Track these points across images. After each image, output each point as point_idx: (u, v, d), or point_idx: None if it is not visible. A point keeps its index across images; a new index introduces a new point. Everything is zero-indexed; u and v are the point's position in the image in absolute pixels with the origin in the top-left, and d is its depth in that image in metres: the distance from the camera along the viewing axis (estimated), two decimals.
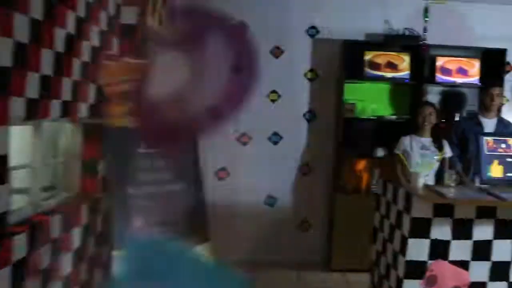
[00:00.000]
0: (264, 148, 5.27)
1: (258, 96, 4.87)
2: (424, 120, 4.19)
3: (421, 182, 3.15)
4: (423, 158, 4.14)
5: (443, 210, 3.01)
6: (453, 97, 5.33)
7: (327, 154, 5.31)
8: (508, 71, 5.30)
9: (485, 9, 5.29)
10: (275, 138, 5.29)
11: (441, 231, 3.03)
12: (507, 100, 5.34)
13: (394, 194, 3.40)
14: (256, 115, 4.71)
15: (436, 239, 3.02)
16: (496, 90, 4.39)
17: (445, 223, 3.03)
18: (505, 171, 3.39)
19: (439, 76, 5.14)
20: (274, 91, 5.24)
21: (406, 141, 4.27)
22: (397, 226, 3.26)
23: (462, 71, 5.16)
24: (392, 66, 5.08)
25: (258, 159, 5.24)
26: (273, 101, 5.25)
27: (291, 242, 5.31)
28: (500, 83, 4.74)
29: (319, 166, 5.34)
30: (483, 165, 3.37)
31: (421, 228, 3.03)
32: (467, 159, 4.41)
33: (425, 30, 4.96)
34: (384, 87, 5.32)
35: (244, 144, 5.24)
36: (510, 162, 3.41)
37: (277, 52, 5.22)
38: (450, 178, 3.29)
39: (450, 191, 3.07)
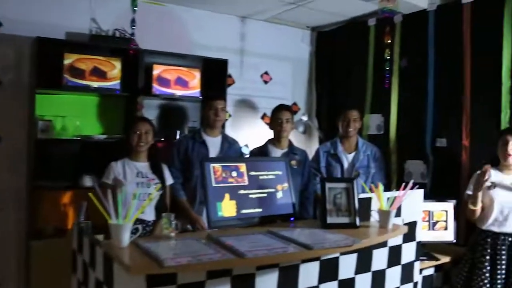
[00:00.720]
0: None
1: None
2: (139, 140, 3.18)
3: (125, 238, 2.07)
4: (139, 189, 3.13)
5: (162, 276, 2.00)
6: (173, 111, 4.47)
7: (17, 187, 3.84)
8: (230, 84, 4.69)
9: (203, 16, 4.62)
10: None
11: None
12: (230, 115, 4.74)
13: (92, 253, 2.26)
14: None
15: None
16: (220, 104, 3.65)
17: None
18: (238, 207, 2.56)
19: (157, 87, 4.20)
20: None
21: (117, 167, 3.19)
22: None
23: (182, 82, 4.33)
24: (99, 73, 3.92)
25: None
26: None
27: None
28: (223, 96, 4.03)
29: (7, 204, 3.80)
30: (211, 202, 2.46)
31: None
32: (192, 187, 3.57)
33: (133, 22, 3.96)
34: (90, 100, 4.12)
35: None
36: (244, 195, 2.60)
37: None
38: (168, 224, 2.30)
39: (165, 248, 2.07)
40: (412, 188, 2.61)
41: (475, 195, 3.11)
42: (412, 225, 2.84)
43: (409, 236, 2.76)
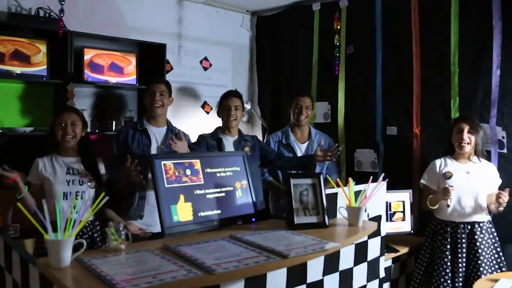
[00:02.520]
0: None
1: None
2: (65, 132, 2.70)
3: (67, 257, 1.65)
4: (71, 187, 2.68)
5: None
6: (107, 100, 3.96)
7: None
8: (167, 71, 4.24)
9: None
10: None
11: None
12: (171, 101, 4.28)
13: (24, 273, 1.82)
14: None
15: None
16: (160, 87, 3.20)
17: None
18: (195, 210, 2.20)
19: (89, 74, 3.69)
20: None
21: (44, 164, 2.71)
22: None
23: (117, 68, 3.84)
24: (22, 57, 3.36)
25: None
26: None
27: None
28: (163, 79, 3.52)
29: None
30: (165, 205, 2.08)
31: None
32: None
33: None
34: (13, 87, 3.52)
35: None
36: (200, 195, 2.23)
37: None
38: (117, 235, 1.90)
39: (116, 266, 1.65)
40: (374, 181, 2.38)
41: (437, 200, 3.00)
42: (377, 220, 2.62)
43: (375, 231, 2.53)
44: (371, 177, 2.35)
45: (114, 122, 3.85)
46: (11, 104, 3.53)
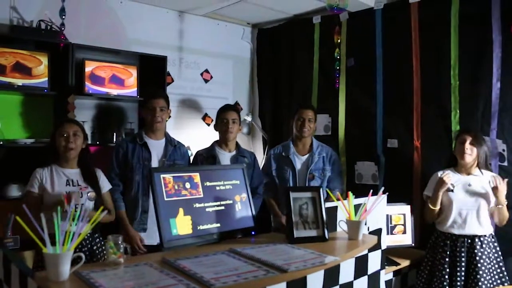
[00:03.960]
0: None
1: None
2: (67, 143, 2.71)
3: (65, 271, 1.64)
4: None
5: None
6: (108, 112, 3.97)
7: None
8: (168, 83, 4.26)
9: (138, 9, 4.15)
10: None
11: None
12: (169, 116, 4.29)
13: (22, 284, 1.82)
14: None
15: None
16: (160, 103, 3.24)
17: None
18: (194, 223, 2.20)
19: (90, 86, 3.71)
20: None
21: (44, 174, 2.71)
22: None
23: (118, 81, 3.86)
24: (23, 69, 3.38)
25: None
26: None
27: None
28: (162, 94, 3.47)
29: None
30: (164, 219, 2.08)
31: None
32: (132, 194, 3.14)
33: (62, 11, 3.46)
34: (14, 99, 3.54)
35: None
36: (200, 209, 2.23)
37: None
38: (116, 249, 1.89)
39: (115, 280, 1.64)
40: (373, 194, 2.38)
41: (436, 195, 2.98)
42: (377, 233, 2.61)
43: (375, 244, 2.52)
44: (371, 191, 2.35)
45: (115, 134, 3.87)
46: (12, 116, 3.54)
